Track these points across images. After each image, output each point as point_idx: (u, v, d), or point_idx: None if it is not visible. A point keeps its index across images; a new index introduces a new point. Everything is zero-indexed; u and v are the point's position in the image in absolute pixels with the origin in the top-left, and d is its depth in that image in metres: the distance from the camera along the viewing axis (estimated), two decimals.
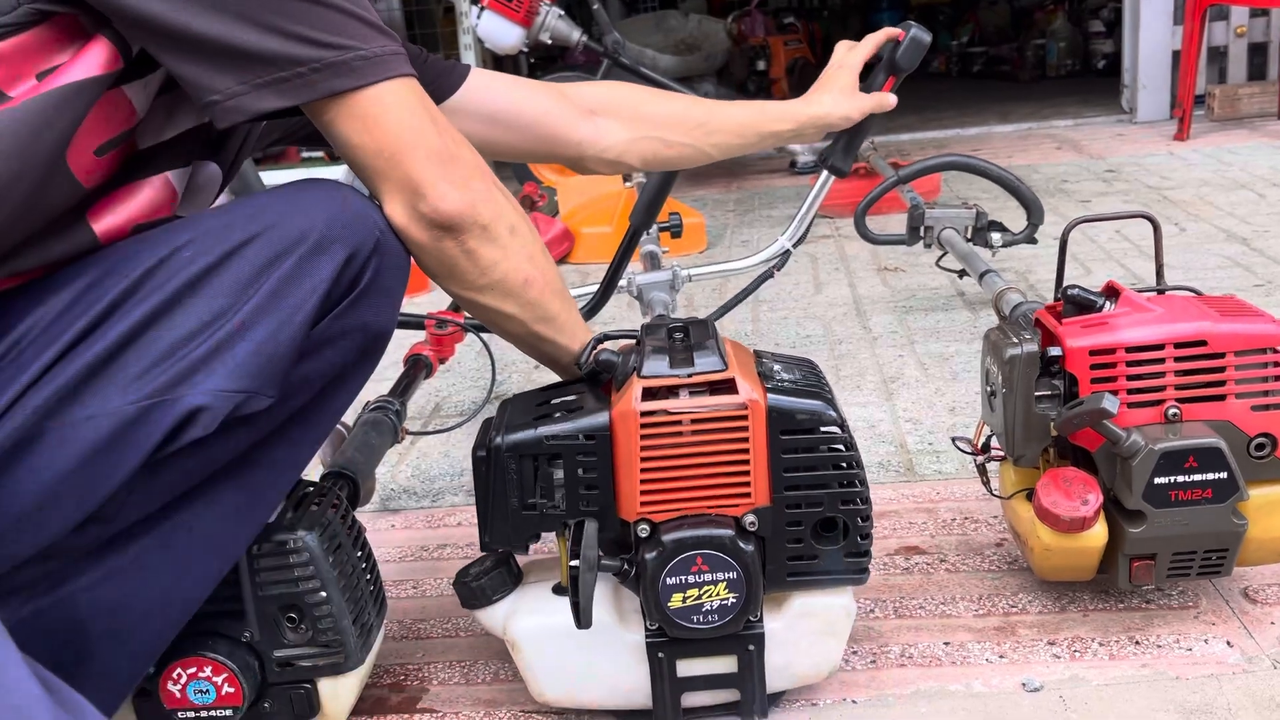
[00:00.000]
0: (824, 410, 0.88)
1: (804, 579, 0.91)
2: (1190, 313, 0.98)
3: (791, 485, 0.88)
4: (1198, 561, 0.99)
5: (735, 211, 3.28)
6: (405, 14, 4.53)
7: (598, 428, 0.87)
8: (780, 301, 2.26)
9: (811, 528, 0.89)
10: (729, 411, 0.86)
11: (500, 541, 0.92)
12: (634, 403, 0.86)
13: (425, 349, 1.62)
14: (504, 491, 0.89)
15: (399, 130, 0.79)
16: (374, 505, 1.49)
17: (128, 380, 0.72)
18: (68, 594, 0.77)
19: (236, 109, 0.74)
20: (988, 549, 1.22)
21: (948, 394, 1.67)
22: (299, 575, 0.87)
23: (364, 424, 1.31)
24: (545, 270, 0.91)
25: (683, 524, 0.87)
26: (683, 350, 0.90)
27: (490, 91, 1.13)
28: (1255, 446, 0.97)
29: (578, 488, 0.88)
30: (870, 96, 1.31)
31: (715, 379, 0.87)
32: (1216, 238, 2.36)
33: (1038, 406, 1.01)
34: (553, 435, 0.88)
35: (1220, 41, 3.95)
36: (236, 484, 0.81)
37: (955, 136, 4.27)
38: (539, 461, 0.89)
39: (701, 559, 0.87)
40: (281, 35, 0.73)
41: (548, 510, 0.89)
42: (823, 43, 7.22)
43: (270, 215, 0.77)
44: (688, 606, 0.88)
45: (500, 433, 0.89)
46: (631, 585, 0.90)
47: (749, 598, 0.88)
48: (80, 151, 0.74)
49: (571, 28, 3.32)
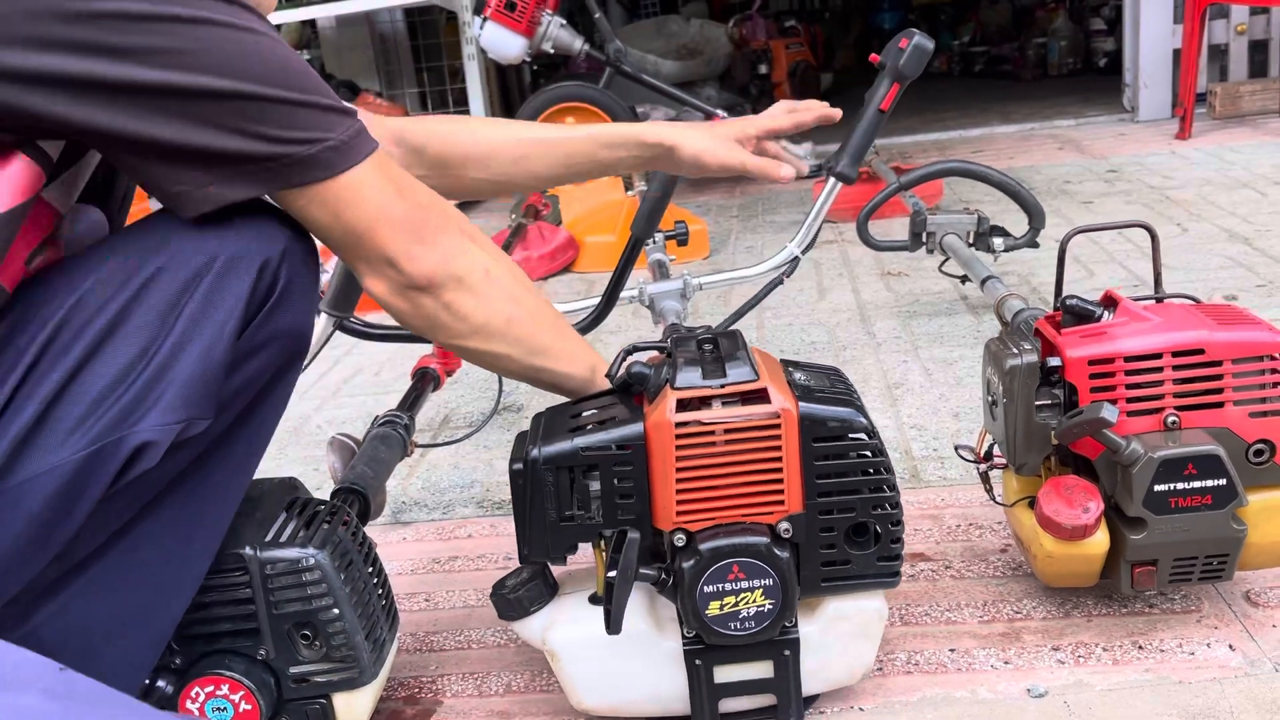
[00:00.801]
0: (854, 417, 0.89)
1: (837, 583, 0.93)
2: (1188, 321, 1.00)
3: (824, 492, 0.90)
4: (1199, 567, 1.00)
5: (739, 217, 3.29)
6: (409, 25, 4.55)
7: (633, 438, 0.89)
8: (785, 308, 2.27)
9: (844, 533, 0.91)
10: (762, 421, 0.88)
11: (539, 554, 0.93)
12: (669, 414, 0.87)
13: (433, 362, 1.64)
14: (541, 504, 0.91)
15: (366, 210, 0.81)
16: (385, 518, 1.51)
17: (66, 433, 0.73)
18: (34, 627, 0.79)
19: (204, 199, 0.76)
20: (992, 555, 1.23)
21: (952, 399, 1.68)
22: (312, 593, 0.88)
23: (373, 439, 1.33)
24: (529, 305, 0.93)
25: (718, 533, 0.89)
26: (714, 361, 0.92)
27: None
28: (1254, 453, 0.98)
29: (614, 498, 0.90)
30: (746, 158, 1.14)
31: (747, 389, 0.89)
32: (1219, 238, 2.37)
33: (1038, 416, 1.02)
34: (589, 446, 0.89)
35: (1221, 39, 3.95)
36: (184, 499, 0.82)
37: (958, 138, 4.28)
38: (575, 473, 0.90)
39: (738, 567, 0.89)
40: (251, 137, 0.74)
41: (585, 521, 0.91)
42: (824, 45, 7.24)
43: (175, 241, 0.77)
44: (725, 614, 0.90)
45: (536, 446, 0.90)
46: (669, 594, 0.91)
47: (785, 604, 0.90)
48: (11, 270, 0.74)
49: (574, 37, 3.35)
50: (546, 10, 3.27)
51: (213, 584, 0.88)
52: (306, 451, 1.79)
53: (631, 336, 2.21)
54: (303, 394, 2.07)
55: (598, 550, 0.92)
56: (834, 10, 8.72)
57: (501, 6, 3.20)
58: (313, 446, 1.80)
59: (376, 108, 3.81)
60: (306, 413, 1.97)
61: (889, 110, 1.54)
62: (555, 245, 2.80)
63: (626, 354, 0.95)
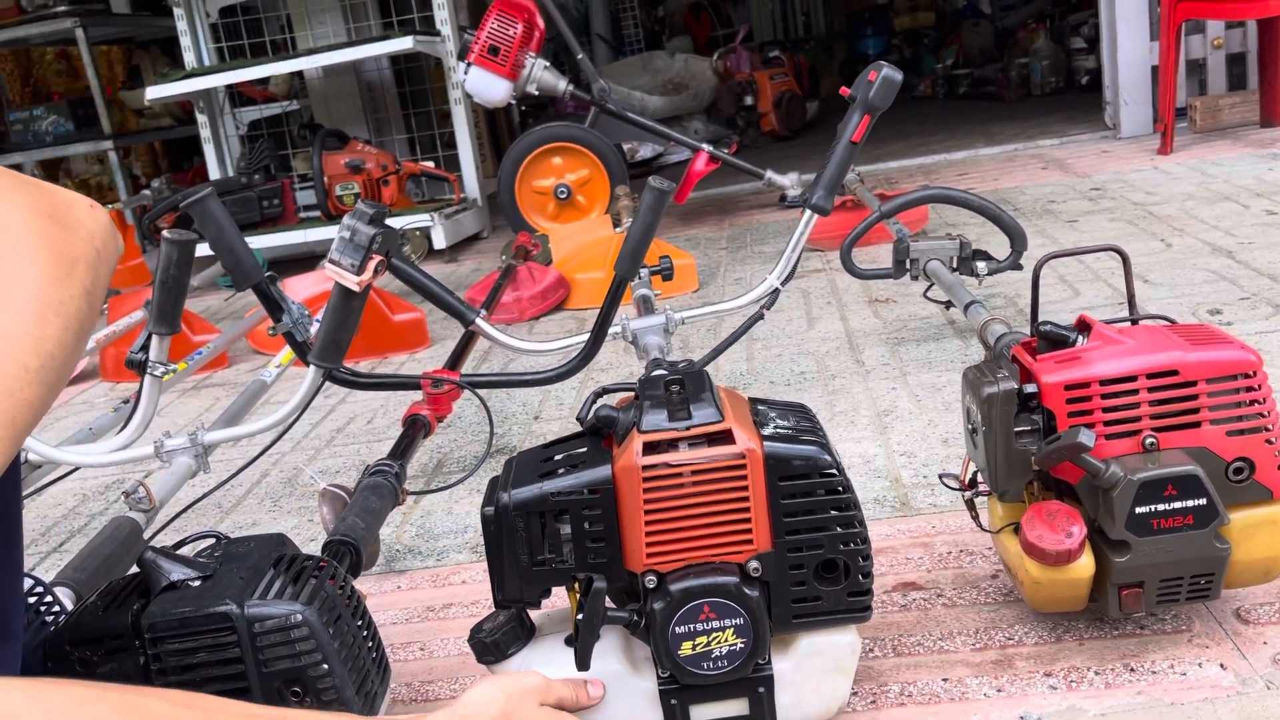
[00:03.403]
0: (819, 455, 0.90)
1: (809, 619, 0.94)
2: (1161, 343, 1.01)
3: (792, 530, 0.91)
4: (1185, 587, 1.00)
5: (727, 249, 3.31)
6: (395, 72, 4.61)
7: (601, 482, 0.90)
8: (774, 339, 2.28)
9: (813, 569, 0.92)
10: (727, 462, 0.88)
11: (513, 598, 0.94)
12: (635, 457, 0.88)
13: (423, 408, 1.65)
14: (514, 549, 0.92)
15: None
16: (379, 566, 1.51)
17: None
18: None
19: None
20: (983, 581, 1.23)
21: (940, 425, 1.69)
22: (300, 650, 0.88)
23: (364, 489, 1.33)
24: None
25: (688, 573, 0.90)
26: (679, 403, 0.93)
27: None
28: (1234, 471, 0.99)
29: (585, 541, 0.91)
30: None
31: (713, 430, 0.90)
32: (1202, 252, 2.39)
33: (1018, 442, 1.03)
34: (558, 491, 0.90)
35: (1198, 54, 4.00)
36: None
37: (942, 161, 4.31)
38: (546, 518, 0.91)
39: (708, 607, 0.89)
40: None
41: (557, 565, 0.92)
42: (809, 73, 7.32)
43: None
44: (697, 654, 0.90)
45: (507, 491, 0.91)
46: (642, 635, 0.92)
47: (757, 642, 0.90)
48: None
49: (558, 78, 3.39)
50: (530, 53, 3.32)
51: (201, 644, 0.88)
52: (301, 503, 1.80)
53: (622, 372, 2.22)
54: (296, 445, 2.08)
55: (571, 593, 0.92)
56: (817, 38, 8.82)
57: (485, 51, 3.25)
58: (306, 498, 1.81)
59: (366, 155, 3.85)
60: (300, 464, 1.97)
61: (861, 141, 1.56)
62: (545, 285, 2.82)
63: (596, 396, 0.97)
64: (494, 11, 3.28)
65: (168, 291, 1.52)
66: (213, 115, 4.16)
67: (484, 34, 3.25)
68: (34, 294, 0.72)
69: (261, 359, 2.78)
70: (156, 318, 1.54)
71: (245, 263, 1.47)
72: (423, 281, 1.69)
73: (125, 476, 2.03)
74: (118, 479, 2.04)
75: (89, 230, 0.79)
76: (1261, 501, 0.99)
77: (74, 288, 0.74)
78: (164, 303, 1.53)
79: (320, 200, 3.85)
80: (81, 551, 1.24)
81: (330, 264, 1.36)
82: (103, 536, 1.29)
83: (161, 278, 1.50)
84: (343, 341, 1.51)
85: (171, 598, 0.90)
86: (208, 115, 4.13)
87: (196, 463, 1.57)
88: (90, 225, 0.79)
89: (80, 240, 0.77)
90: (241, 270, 1.47)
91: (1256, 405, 0.99)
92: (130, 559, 1.26)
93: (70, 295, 0.74)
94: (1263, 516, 0.99)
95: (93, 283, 0.77)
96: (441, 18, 3.87)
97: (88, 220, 0.79)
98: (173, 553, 0.94)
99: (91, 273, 0.76)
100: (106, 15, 5.14)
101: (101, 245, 0.79)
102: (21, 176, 0.79)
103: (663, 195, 1.57)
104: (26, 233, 0.73)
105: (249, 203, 3.84)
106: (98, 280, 0.78)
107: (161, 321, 1.55)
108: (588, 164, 3.57)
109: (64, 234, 0.76)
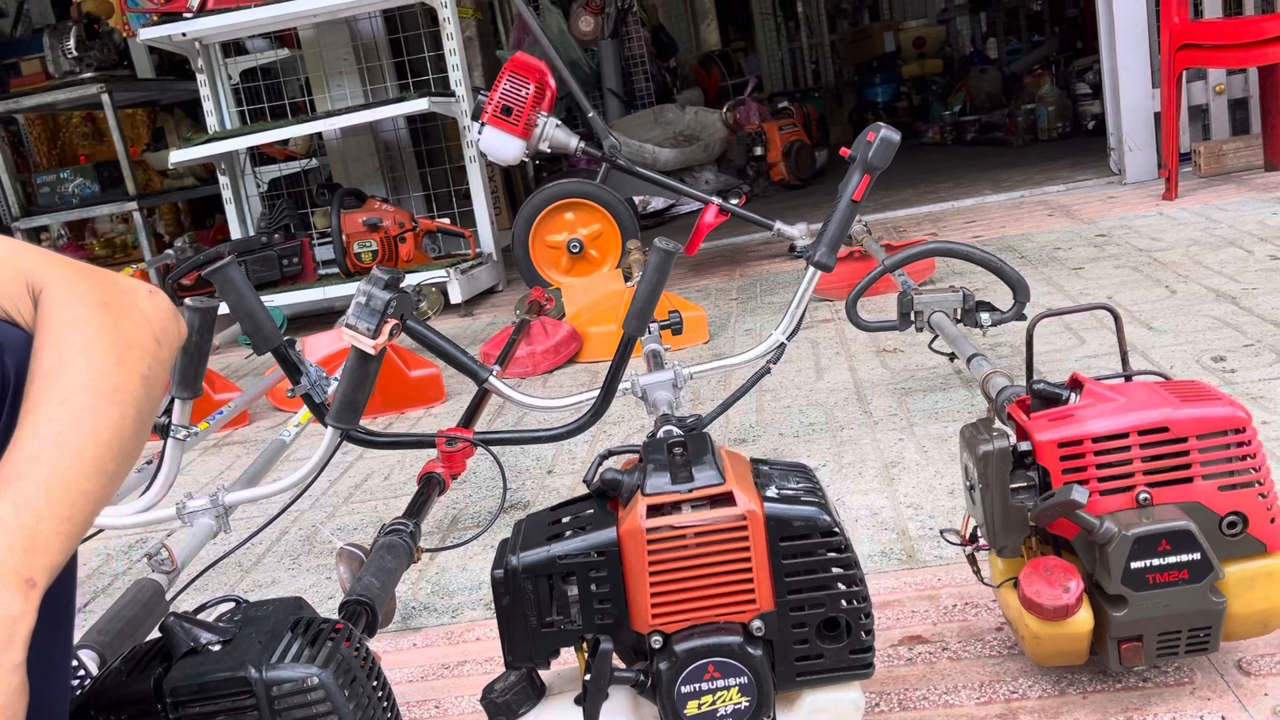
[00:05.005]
0: (818, 516, 0.93)
1: (812, 677, 0.96)
2: (1151, 400, 1.03)
3: (794, 589, 0.93)
4: (1184, 640, 1.02)
5: (738, 300, 3.36)
6: (410, 131, 4.71)
7: (607, 544, 0.93)
8: (784, 390, 2.31)
9: (815, 628, 0.94)
10: (729, 523, 0.92)
11: (522, 659, 0.97)
12: (640, 520, 0.92)
13: (437, 466, 1.68)
14: (523, 611, 0.95)
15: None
16: (395, 625, 1.53)
17: None
18: None
19: None
20: (988, 634, 1.25)
21: (947, 476, 1.71)
22: (317, 711, 0.91)
23: (380, 548, 1.37)
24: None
25: (693, 633, 0.92)
26: (682, 465, 0.96)
27: None
28: (1227, 525, 1.01)
29: (592, 603, 0.94)
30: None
31: (714, 493, 0.93)
32: (1206, 298, 2.41)
33: (1014, 499, 1.05)
34: (565, 554, 0.94)
35: (1201, 100, 4.04)
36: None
37: (950, 210, 4.36)
38: (554, 580, 0.94)
39: (713, 666, 0.92)
40: None
41: (565, 626, 0.95)
42: (819, 122, 7.41)
43: None
44: (703, 713, 0.92)
45: (516, 554, 0.95)
46: (649, 695, 0.95)
47: (761, 700, 0.93)
48: None
49: (569, 135, 3.47)
50: (542, 112, 3.40)
51: (221, 707, 0.91)
52: (319, 560, 1.83)
53: (634, 424, 2.26)
54: (315, 502, 2.11)
55: (579, 653, 0.95)
56: (826, 87, 8.94)
57: (498, 111, 3.33)
58: (325, 556, 1.84)
59: (383, 212, 3.93)
60: (318, 522, 2.01)
61: (861, 200, 1.60)
62: (558, 339, 2.86)
63: (602, 459, 1.00)
64: (507, 72, 3.37)
65: (189, 357, 1.57)
66: (234, 176, 4.26)
67: (497, 94, 3.34)
68: (87, 383, 0.72)
69: (281, 415, 2.83)
70: (179, 383, 1.59)
71: (264, 328, 1.52)
72: (437, 342, 1.73)
73: (148, 536, 2.07)
74: (141, 539, 2.08)
75: (146, 316, 0.80)
76: (1256, 555, 1.01)
77: (130, 374, 0.75)
78: (186, 368, 1.58)
79: (339, 258, 3.93)
80: (105, 614, 1.27)
81: (347, 328, 1.41)
82: (126, 599, 1.32)
83: (183, 344, 1.55)
84: (359, 402, 1.55)
85: (193, 662, 0.93)
86: (229, 176, 4.24)
87: (218, 523, 1.61)
88: (149, 311, 0.81)
89: (136, 326, 0.78)
90: (261, 335, 1.52)
91: (1248, 460, 1.01)
92: (153, 621, 1.30)
93: (126, 382, 0.75)
94: (1257, 569, 1.01)
95: (150, 368, 0.77)
96: (456, 79, 3.96)
97: (146, 306, 0.81)
98: (194, 618, 0.97)
99: (149, 358, 0.78)
100: (131, 80, 5.29)
101: (160, 331, 0.81)
102: (81, 265, 0.81)
103: (668, 255, 1.61)
104: (80, 322, 0.75)
105: (269, 261, 3.92)
106: (156, 365, 0.79)
107: (184, 386, 1.59)
108: (599, 219, 3.64)
109: (119, 321, 0.77)
